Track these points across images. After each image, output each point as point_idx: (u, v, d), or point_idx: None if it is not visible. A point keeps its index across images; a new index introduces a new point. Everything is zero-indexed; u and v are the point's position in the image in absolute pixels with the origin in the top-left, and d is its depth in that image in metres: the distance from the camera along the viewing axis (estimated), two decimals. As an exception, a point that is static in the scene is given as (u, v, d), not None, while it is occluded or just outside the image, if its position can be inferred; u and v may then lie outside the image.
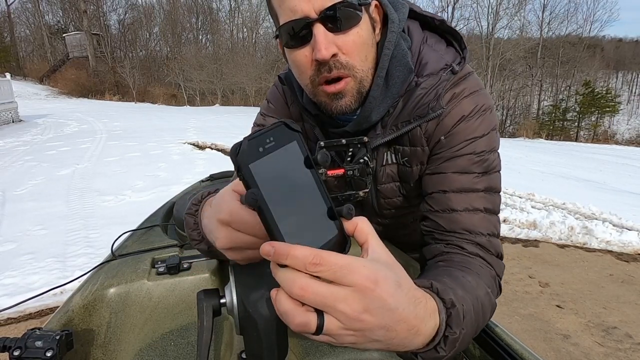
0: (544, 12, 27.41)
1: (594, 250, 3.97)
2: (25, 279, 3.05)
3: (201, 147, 8.94)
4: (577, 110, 24.40)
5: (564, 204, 5.15)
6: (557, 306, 2.96)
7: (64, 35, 32.45)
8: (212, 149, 8.68)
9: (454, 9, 26.24)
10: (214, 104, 26.12)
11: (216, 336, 0.79)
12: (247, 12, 31.82)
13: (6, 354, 0.61)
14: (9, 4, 33.44)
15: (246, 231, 0.43)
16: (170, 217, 1.36)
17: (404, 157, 0.80)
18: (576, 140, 21.91)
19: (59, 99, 25.47)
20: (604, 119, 25.25)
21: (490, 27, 25.00)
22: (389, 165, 0.83)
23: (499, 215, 0.77)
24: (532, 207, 5.04)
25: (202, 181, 1.79)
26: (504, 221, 4.52)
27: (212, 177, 1.78)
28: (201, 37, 34.58)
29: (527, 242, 4.13)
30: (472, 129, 0.73)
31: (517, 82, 26.45)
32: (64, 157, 7.92)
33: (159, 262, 0.92)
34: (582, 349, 2.47)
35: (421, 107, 0.74)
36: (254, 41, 31.17)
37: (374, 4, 0.72)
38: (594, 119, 24.56)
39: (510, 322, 2.73)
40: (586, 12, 34.93)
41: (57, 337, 0.62)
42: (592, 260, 3.76)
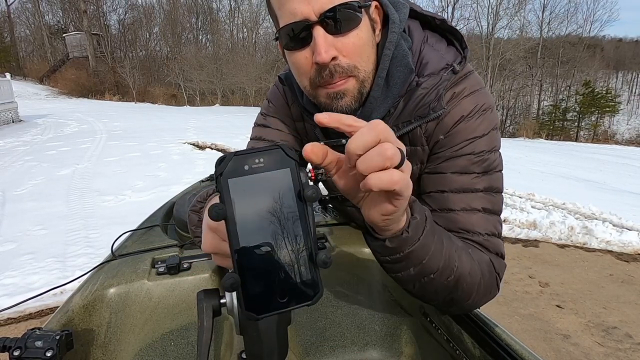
0: (544, 12, 27.44)
1: (594, 250, 3.97)
2: (25, 279, 3.05)
3: (201, 147, 8.94)
4: (577, 110, 24.39)
5: (564, 204, 5.14)
6: (557, 306, 2.96)
7: (64, 35, 32.44)
8: (212, 149, 8.67)
9: (454, 8, 26.25)
10: (214, 104, 26.12)
11: (216, 336, 0.79)
12: (247, 12, 31.83)
13: (6, 354, 0.61)
14: (9, 4, 33.47)
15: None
16: (170, 217, 1.35)
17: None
18: (576, 140, 21.90)
19: (59, 99, 25.47)
20: (604, 119, 25.24)
21: (490, 27, 25.01)
22: None
23: (501, 215, 0.77)
24: (532, 207, 5.04)
25: (202, 181, 1.79)
26: (504, 221, 4.52)
27: (212, 177, 1.78)
28: (201, 37, 34.60)
29: (527, 242, 4.13)
30: (472, 129, 0.73)
31: (517, 82, 26.45)
32: (64, 157, 7.92)
33: (159, 262, 0.92)
34: (582, 349, 2.47)
35: (422, 107, 0.73)
36: (254, 41, 31.16)
37: (373, 4, 0.72)
38: (594, 119, 24.56)
39: (510, 322, 2.73)
40: (586, 12, 34.94)
41: (57, 337, 0.62)
42: (592, 260, 3.76)
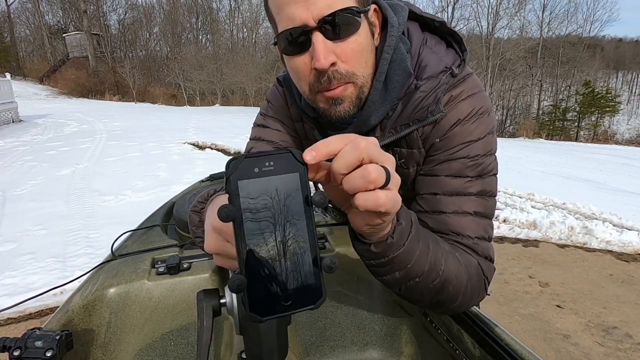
0: (544, 12, 27.44)
1: (594, 250, 3.97)
2: (25, 279, 3.05)
3: (201, 147, 8.94)
4: (577, 110, 24.38)
5: (564, 204, 5.14)
6: (557, 306, 2.96)
7: (64, 35, 32.44)
8: (212, 149, 8.68)
9: (454, 9, 26.25)
10: (214, 104, 26.12)
11: (216, 336, 0.79)
12: (247, 12, 31.83)
13: (6, 354, 0.61)
14: (9, 4, 33.47)
15: (234, 243, 0.43)
16: (170, 217, 1.35)
17: (401, 159, 0.80)
18: (576, 140, 21.90)
19: (59, 99, 25.47)
20: (604, 119, 25.24)
21: (490, 27, 25.00)
22: None
23: (493, 219, 0.77)
24: (532, 207, 5.04)
25: (202, 181, 1.79)
26: (504, 221, 4.52)
27: (212, 177, 1.78)
28: (201, 37, 34.60)
29: (527, 242, 4.13)
30: (467, 133, 0.73)
31: (517, 82, 26.45)
32: (64, 157, 7.92)
33: (159, 262, 0.92)
34: (582, 349, 2.47)
35: (420, 111, 0.73)
36: (254, 41, 31.16)
37: (372, 8, 0.72)
38: (594, 119, 24.55)
39: (510, 322, 2.73)
40: (586, 12, 35.00)
41: (57, 337, 0.62)
42: (592, 260, 3.76)
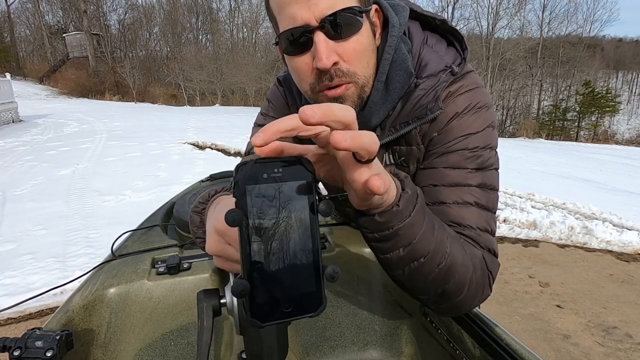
0: (544, 12, 27.45)
1: (594, 250, 3.97)
2: (25, 279, 3.05)
3: (201, 147, 8.94)
4: (577, 110, 24.39)
5: (564, 204, 5.14)
6: (557, 306, 2.96)
7: (64, 35, 32.45)
8: (212, 149, 8.67)
9: (454, 8, 26.26)
10: (214, 104, 26.12)
11: (216, 336, 0.79)
12: (247, 12, 31.83)
13: (6, 354, 0.61)
14: (9, 4, 33.47)
15: (236, 246, 0.43)
16: (170, 217, 1.35)
17: (401, 157, 0.80)
18: (576, 140, 21.90)
19: (59, 99, 25.47)
20: (604, 118, 25.25)
21: (490, 27, 25.01)
22: (387, 166, 0.82)
23: (496, 214, 0.75)
24: (532, 207, 5.04)
25: (202, 181, 1.79)
26: (504, 221, 4.52)
27: (212, 177, 1.78)
28: (201, 37, 34.60)
29: (527, 242, 4.13)
30: (465, 125, 0.72)
31: (517, 82, 26.44)
32: (64, 157, 7.92)
33: (159, 262, 0.92)
34: (582, 349, 2.47)
35: (419, 109, 0.73)
36: (254, 41, 31.16)
37: (374, 8, 0.72)
38: (594, 119, 24.56)
39: (510, 322, 2.73)
40: (586, 12, 35.02)
41: (57, 337, 0.62)
42: (592, 260, 3.76)
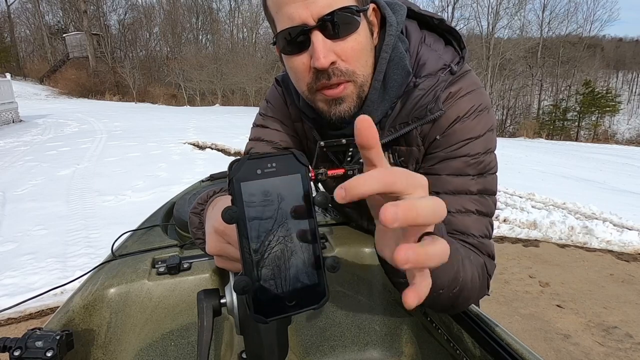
0: (544, 12, 27.46)
1: (594, 250, 3.97)
2: (25, 279, 3.05)
3: (201, 147, 8.94)
4: (577, 110, 24.40)
5: (564, 204, 5.14)
6: (558, 306, 2.96)
7: (64, 35, 32.45)
8: (212, 149, 8.68)
9: (454, 8, 26.27)
10: (214, 104, 26.12)
11: (217, 336, 0.79)
12: (247, 12, 31.84)
13: (6, 354, 0.61)
14: (9, 4, 33.47)
15: (236, 245, 0.43)
16: (170, 217, 1.35)
17: (400, 158, 0.80)
18: (576, 140, 21.91)
19: (59, 99, 25.48)
20: (604, 118, 25.27)
21: (490, 27, 25.01)
22: None
23: (493, 217, 0.77)
24: (533, 207, 5.04)
25: (202, 181, 1.79)
26: (504, 221, 4.52)
27: (212, 177, 1.78)
28: (201, 37, 34.59)
29: (527, 242, 4.13)
30: (468, 130, 0.73)
31: (517, 81, 26.45)
32: (64, 157, 7.92)
33: (159, 262, 0.92)
34: (582, 349, 2.47)
35: (419, 109, 0.73)
36: (254, 41, 31.17)
37: (371, 7, 0.72)
38: (594, 119, 24.57)
39: (510, 322, 2.73)
40: (586, 12, 35.09)
41: (58, 337, 0.62)
42: (592, 260, 3.76)
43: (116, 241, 1.10)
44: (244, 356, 0.53)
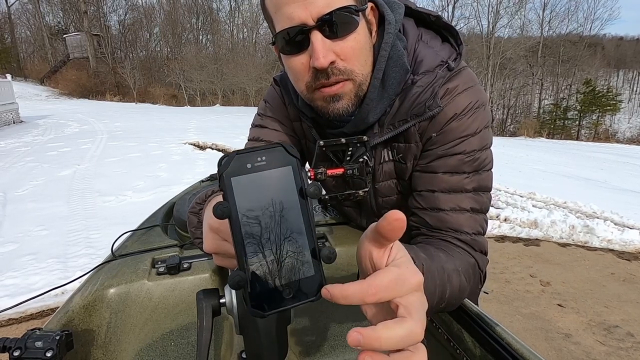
0: (544, 11, 27.43)
1: (595, 249, 3.96)
2: (26, 279, 3.06)
3: (202, 148, 8.94)
4: (578, 109, 24.37)
5: (565, 203, 5.14)
6: (559, 305, 2.96)
7: (64, 36, 32.51)
8: (212, 149, 8.68)
9: (454, 8, 26.25)
10: (215, 104, 26.14)
11: (216, 336, 0.79)
12: (247, 12, 31.86)
13: (6, 355, 0.61)
14: (9, 4, 33.51)
15: (231, 241, 0.43)
16: (170, 218, 1.35)
17: (399, 154, 0.80)
18: (577, 139, 21.88)
19: (60, 100, 25.50)
20: (605, 117, 25.24)
21: (490, 26, 24.99)
22: (386, 162, 0.83)
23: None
24: (533, 206, 5.03)
25: (202, 181, 1.79)
26: (505, 220, 4.51)
27: (213, 177, 1.78)
28: (201, 37, 34.62)
29: (528, 241, 4.12)
30: (464, 127, 0.73)
31: (518, 81, 26.45)
32: (64, 157, 7.93)
33: (159, 262, 0.92)
34: (583, 348, 2.47)
35: (418, 106, 0.73)
36: (254, 41, 31.19)
37: (369, 6, 0.72)
38: (595, 118, 24.55)
39: (511, 322, 2.73)
40: (587, 11, 35.06)
41: (57, 338, 0.62)
42: (593, 259, 3.75)
43: (116, 241, 1.10)
44: (244, 356, 0.53)
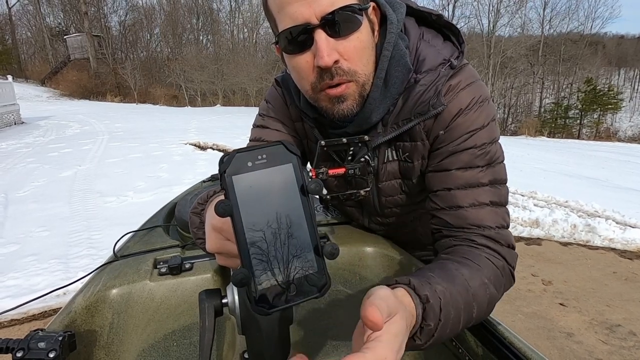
0: (545, 10, 27.37)
1: (597, 248, 3.96)
2: (28, 280, 3.06)
3: (202, 148, 8.95)
4: (579, 107, 24.33)
5: (566, 202, 5.13)
6: (561, 304, 2.95)
7: (65, 37, 32.52)
8: (213, 150, 8.68)
9: (455, 7, 26.22)
10: (215, 105, 26.14)
11: (218, 336, 0.79)
12: (247, 13, 31.88)
13: (9, 355, 0.61)
14: (10, 6, 33.57)
15: (234, 240, 0.43)
16: (172, 218, 1.35)
17: (405, 153, 0.80)
18: (578, 137, 21.84)
19: (61, 101, 25.53)
20: (606, 116, 25.19)
21: (491, 25, 24.97)
22: (390, 162, 0.83)
23: (507, 206, 0.76)
24: (535, 205, 5.02)
25: (204, 181, 1.79)
26: (506, 219, 4.51)
27: (214, 178, 1.78)
28: (202, 37, 34.64)
29: (529, 241, 4.12)
30: (471, 122, 0.73)
31: (519, 80, 26.40)
32: (66, 158, 7.94)
33: (161, 263, 0.92)
34: (585, 347, 2.47)
35: (421, 105, 0.73)
36: (254, 41, 31.19)
37: (372, 5, 0.72)
38: (596, 117, 24.50)
39: (513, 321, 2.72)
40: (587, 9, 35.13)
41: (60, 338, 0.62)
42: (595, 258, 3.75)
43: (118, 242, 1.10)
44: (246, 356, 0.53)
